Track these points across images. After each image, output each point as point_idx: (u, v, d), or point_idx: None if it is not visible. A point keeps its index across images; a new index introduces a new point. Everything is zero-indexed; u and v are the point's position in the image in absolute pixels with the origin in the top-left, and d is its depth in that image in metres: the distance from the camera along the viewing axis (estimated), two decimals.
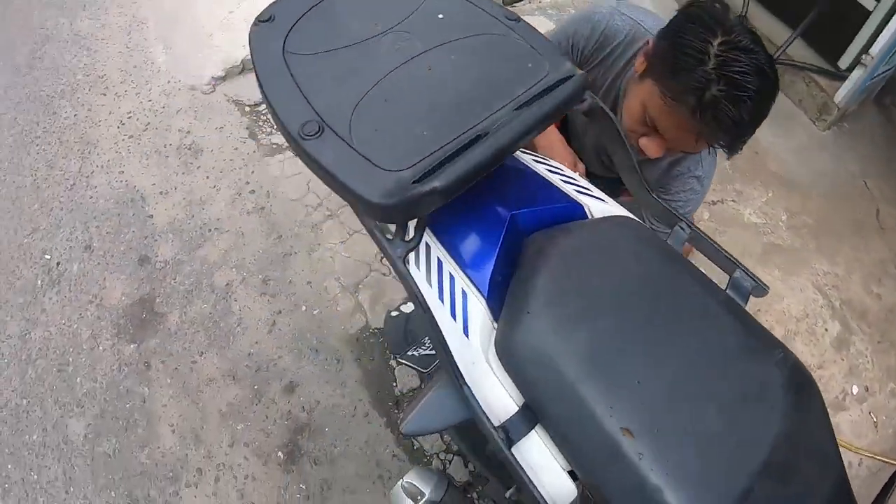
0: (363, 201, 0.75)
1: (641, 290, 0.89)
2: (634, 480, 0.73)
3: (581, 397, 0.77)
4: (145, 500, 1.86)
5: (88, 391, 2.04)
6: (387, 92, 0.85)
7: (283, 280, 2.20)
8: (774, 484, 0.77)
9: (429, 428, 1.00)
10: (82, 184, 2.52)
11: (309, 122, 0.80)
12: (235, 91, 2.73)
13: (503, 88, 0.85)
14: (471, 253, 0.92)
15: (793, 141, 2.90)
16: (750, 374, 0.84)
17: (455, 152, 0.77)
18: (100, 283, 2.24)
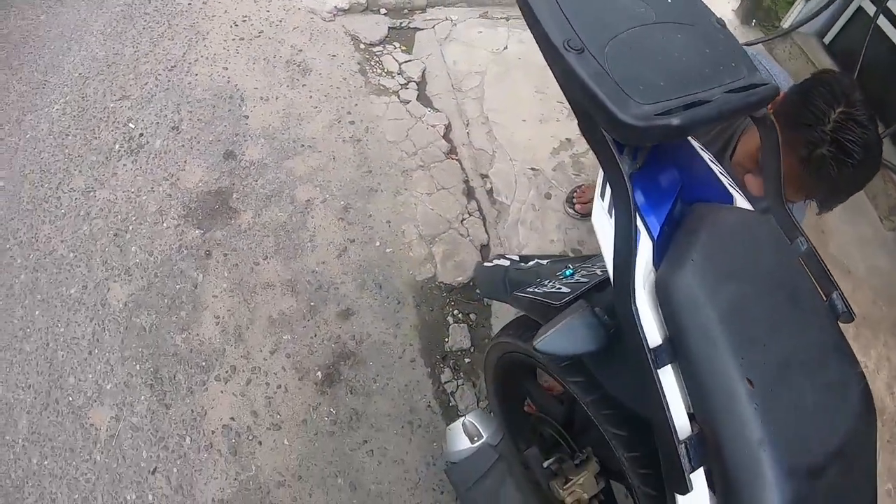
0: (612, 118, 0.85)
1: (773, 275, 1.01)
2: (746, 426, 0.83)
3: (720, 340, 0.88)
4: (170, 381, 1.84)
5: (141, 262, 2.03)
6: (632, 41, 0.96)
7: (363, 212, 2.19)
8: (838, 474, 0.87)
9: (563, 349, 1.05)
10: (183, 69, 2.53)
11: (572, 39, 0.90)
12: (355, 26, 2.75)
13: (716, 73, 0.97)
14: (649, 201, 1.01)
15: (857, 231, 2.92)
16: (839, 372, 0.97)
17: (687, 105, 0.89)
18: (180, 164, 2.24)
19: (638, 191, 1.01)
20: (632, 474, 1.11)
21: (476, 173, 2.37)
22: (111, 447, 1.74)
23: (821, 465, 0.85)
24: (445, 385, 1.91)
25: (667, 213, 1.01)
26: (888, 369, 2.55)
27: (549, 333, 1.05)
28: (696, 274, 0.92)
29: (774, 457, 0.82)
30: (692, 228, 0.99)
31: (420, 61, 2.72)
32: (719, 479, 0.87)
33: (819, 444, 0.87)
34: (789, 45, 3.36)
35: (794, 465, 0.83)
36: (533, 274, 1.53)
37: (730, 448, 0.85)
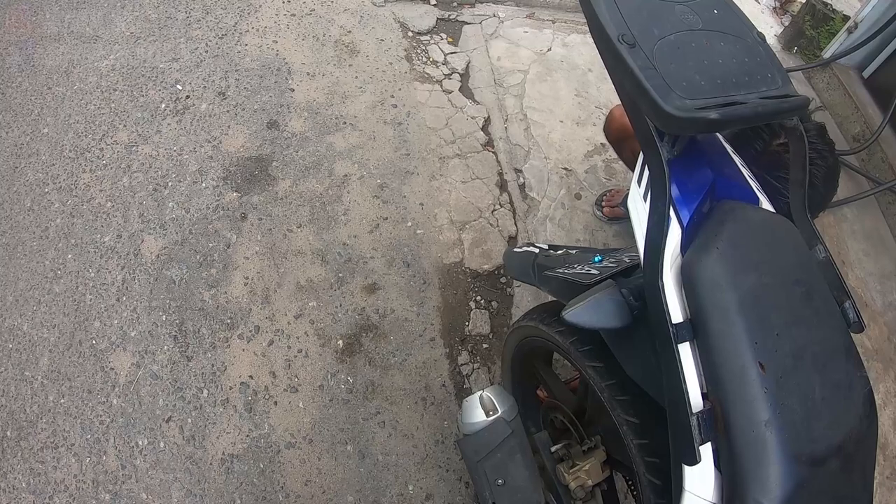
0: (658, 108, 0.96)
1: (792, 273, 1.08)
2: (754, 407, 0.90)
3: (738, 324, 0.95)
4: (194, 334, 1.90)
5: (177, 217, 2.09)
6: (679, 42, 1.07)
7: (398, 192, 2.25)
8: (838, 468, 0.93)
9: (589, 321, 1.13)
10: (233, 38, 2.61)
11: (626, 34, 1.02)
12: (404, 14, 2.82)
13: (753, 81, 1.07)
14: (682, 191, 1.11)
15: (878, 265, 2.94)
16: (846, 372, 1.02)
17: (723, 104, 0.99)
18: (223, 128, 2.31)
19: (673, 183, 1.10)
20: (638, 462, 1.16)
21: (510, 167, 2.42)
22: (129, 392, 1.80)
23: (823, 456, 0.91)
24: (462, 367, 1.96)
25: (697, 205, 1.09)
26: (894, 406, 2.57)
27: (578, 305, 1.13)
28: (720, 261, 1.00)
29: (779, 439, 0.88)
30: (720, 220, 1.08)
31: (465, 54, 2.79)
32: (726, 455, 0.93)
33: (823, 436, 0.93)
34: (828, 76, 3.40)
35: (798, 450, 0.89)
36: (561, 261, 1.59)
37: (737, 426, 0.91)
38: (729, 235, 1.04)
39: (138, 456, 1.71)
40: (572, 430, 1.54)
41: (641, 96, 0.99)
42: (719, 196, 1.15)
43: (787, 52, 3.60)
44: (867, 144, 3.04)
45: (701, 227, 1.09)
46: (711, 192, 1.14)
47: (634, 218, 1.14)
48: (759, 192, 1.24)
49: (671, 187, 1.09)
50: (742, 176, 1.24)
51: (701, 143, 1.22)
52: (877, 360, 2.65)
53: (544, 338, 1.46)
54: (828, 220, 2.86)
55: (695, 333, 1.00)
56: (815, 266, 1.15)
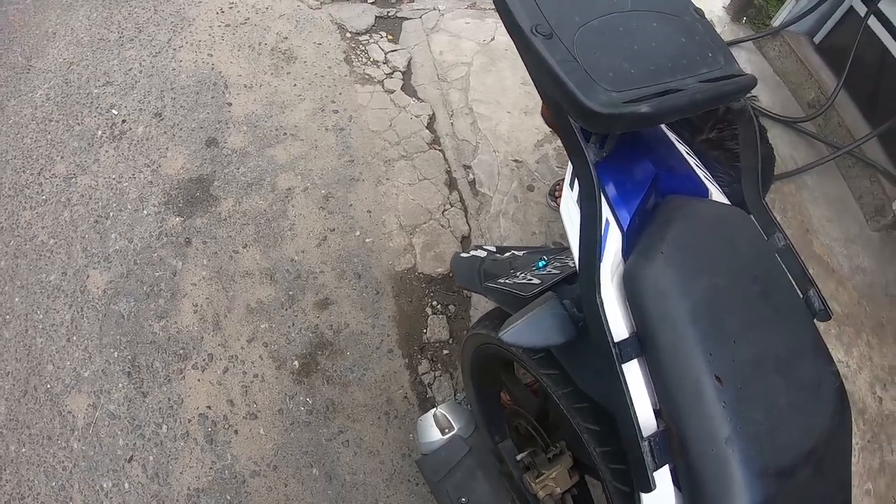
0: (580, 106, 0.84)
1: (748, 270, 0.99)
2: (713, 424, 0.81)
3: (689, 336, 0.85)
4: (148, 368, 1.81)
5: (120, 249, 2.00)
6: (604, 28, 0.95)
7: (344, 201, 2.16)
8: (808, 475, 0.85)
9: (528, 341, 1.02)
10: (168, 55, 2.49)
11: (541, 24, 0.89)
12: (341, 15, 2.70)
13: (691, 63, 0.96)
14: (620, 191, 0.99)
15: (842, 230, 2.89)
16: (813, 370, 0.94)
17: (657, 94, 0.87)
18: (161, 151, 2.20)
19: (609, 182, 0.99)
20: (603, 469, 1.09)
21: (459, 164, 2.33)
22: (88, 435, 1.72)
23: (792, 466, 0.84)
24: (423, 376, 1.88)
25: (638, 204, 0.99)
26: (870, 369, 2.53)
27: (515, 325, 1.02)
28: (666, 266, 0.90)
29: (742, 456, 0.80)
30: (664, 220, 0.97)
31: (406, 51, 2.67)
32: (685, 478, 0.85)
33: (791, 444, 0.86)
34: (779, 44, 3.32)
35: (763, 465, 0.81)
36: (507, 265, 1.50)
37: (695, 446, 0.83)
38: (675, 237, 0.94)
39: (104, 499, 1.64)
40: (537, 437, 1.46)
41: (562, 94, 0.87)
42: (664, 192, 1.06)
43: (736, 22, 3.51)
44: (823, 110, 2.98)
45: (644, 229, 0.98)
46: (655, 189, 1.04)
47: (568, 226, 1.03)
48: (710, 183, 1.14)
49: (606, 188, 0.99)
50: (688, 167, 1.14)
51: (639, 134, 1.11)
52: (848, 324, 2.61)
53: (497, 345, 1.37)
54: (788, 189, 2.80)
55: (643, 348, 0.91)
56: (773, 257, 1.06)
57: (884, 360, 2.60)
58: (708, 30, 1.04)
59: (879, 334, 2.66)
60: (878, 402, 2.48)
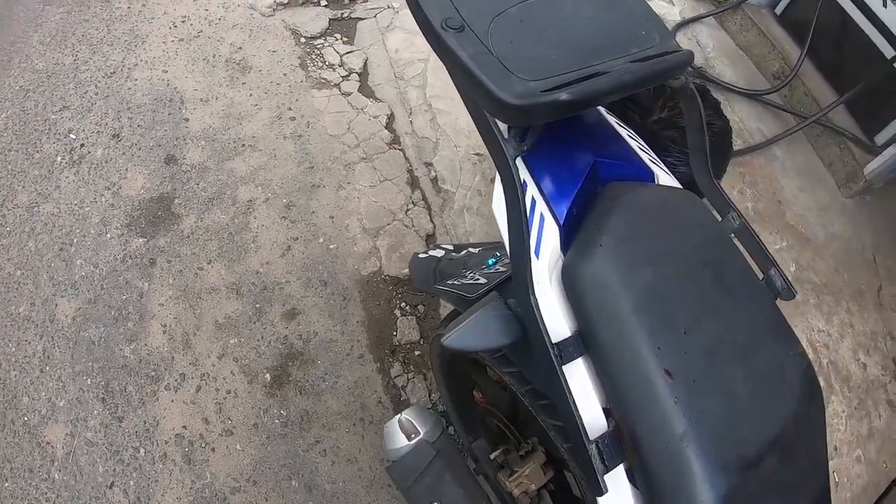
0: (493, 98, 0.78)
1: (698, 255, 0.93)
2: (665, 421, 0.77)
3: (634, 330, 0.80)
4: (121, 393, 1.77)
5: (87, 275, 1.95)
6: (523, 14, 0.88)
7: (306, 209, 2.11)
8: (776, 463, 0.81)
9: (471, 345, 0.97)
10: (123, 75, 2.43)
11: (452, 17, 0.83)
12: (295, 20, 2.64)
13: (621, 43, 0.90)
14: (555, 183, 0.94)
15: (815, 199, 2.86)
16: (775, 354, 0.90)
17: (581, 78, 0.81)
18: (121, 172, 2.15)
19: (544, 174, 0.94)
20: (572, 464, 1.05)
21: (420, 162, 2.28)
22: (68, 464, 1.68)
23: (756, 456, 0.79)
24: (396, 379, 1.85)
25: (574, 195, 0.93)
26: (852, 336, 2.51)
27: (457, 329, 0.96)
28: (606, 259, 0.85)
29: (700, 451, 0.76)
30: (603, 210, 0.92)
31: (362, 52, 2.62)
32: (641, 478, 0.81)
33: (752, 434, 0.81)
34: (741, 18, 3.28)
35: (724, 458, 0.77)
36: (461, 264, 1.45)
37: (648, 445, 0.78)
38: (615, 227, 0.89)
39: None
40: (509, 435, 1.42)
41: (474, 88, 0.81)
42: (605, 180, 0.99)
43: None
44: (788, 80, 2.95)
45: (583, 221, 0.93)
46: (594, 178, 0.98)
47: (501, 225, 0.96)
48: (655, 166, 1.08)
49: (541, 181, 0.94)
50: (631, 151, 1.07)
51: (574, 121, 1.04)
52: (827, 293, 2.58)
53: None
54: (758, 162, 2.77)
55: (587, 346, 0.86)
56: (727, 240, 1.01)
57: (865, 326, 2.58)
58: (641, 6, 0.98)
59: (859, 301, 2.64)
60: (863, 369, 2.45)
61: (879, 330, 2.59)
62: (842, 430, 2.26)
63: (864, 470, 2.20)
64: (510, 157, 0.85)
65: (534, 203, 0.93)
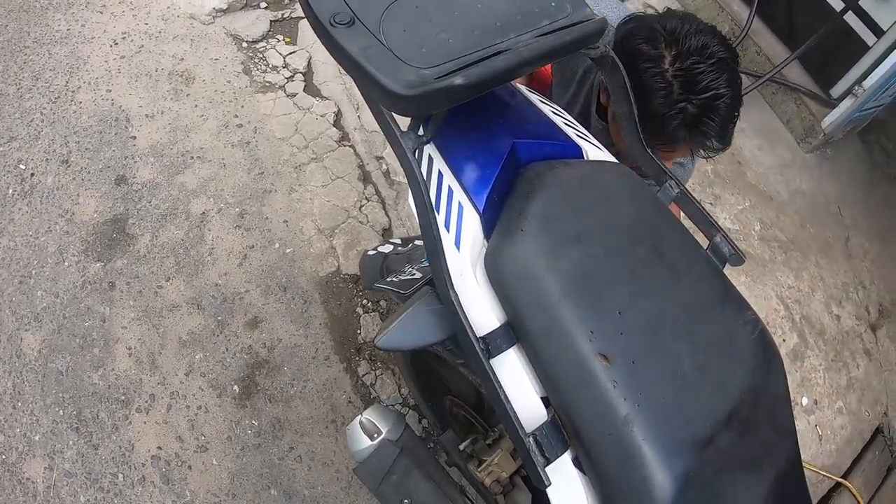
0: (385, 91, 0.72)
1: (631, 229, 0.88)
2: (605, 407, 0.72)
3: (563, 317, 0.75)
4: (94, 421, 1.69)
5: (48, 306, 1.85)
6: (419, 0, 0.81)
7: (259, 215, 2.01)
8: (734, 437, 0.76)
9: (405, 343, 0.91)
10: (67, 99, 2.30)
11: (340, 12, 0.76)
12: (235, 25, 2.50)
13: (528, 18, 0.83)
14: (471, 170, 0.88)
15: (775, 157, 2.79)
16: (723, 325, 0.84)
17: (478, 60, 0.75)
18: (73, 198, 2.04)
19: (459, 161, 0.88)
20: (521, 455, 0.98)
21: (371, 156, 2.18)
22: (50, 498, 1.60)
23: (709, 433, 0.75)
24: (364, 378, 1.78)
25: (493, 180, 0.87)
26: (823, 289, 2.45)
27: (389, 328, 0.90)
28: (529, 243, 0.80)
29: (647, 434, 0.71)
30: (523, 193, 0.86)
31: (305, 51, 2.49)
32: (587, 466, 0.75)
33: (704, 411, 0.76)
34: None
35: (674, 439, 0.73)
36: (405, 259, 1.37)
37: (589, 432, 0.73)
38: (536, 209, 0.83)
39: None
40: (476, 424, 1.35)
41: (366, 83, 0.74)
42: (526, 161, 0.92)
43: None
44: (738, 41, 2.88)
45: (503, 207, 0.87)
46: (514, 160, 0.91)
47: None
48: (584, 140, 1.00)
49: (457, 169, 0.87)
50: (554, 127, 1.00)
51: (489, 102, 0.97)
52: (794, 249, 2.52)
53: None
54: None
55: (517, 336, 0.80)
56: (662, 210, 0.94)
57: (836, 279, 2.53)
58: None
59: (828, 253, 2.58)
60: (837, 321, 2.41)
61: (850, 280, 2.54)
62: (821, 383, 2.22)
63: (846, 421, 2.17)
64: (408, 150, 0.78)
65: (451, 192, 0.87)
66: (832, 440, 2.10)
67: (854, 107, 2.61)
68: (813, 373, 2.21)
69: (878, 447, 2.19)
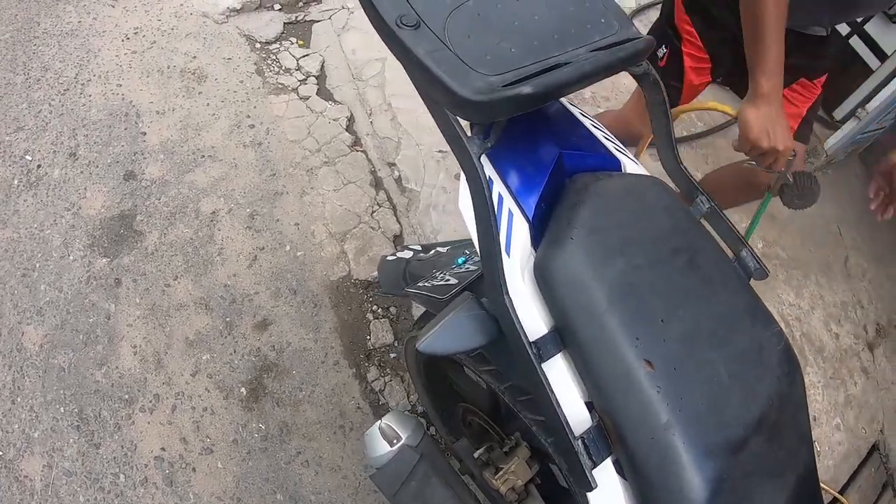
0: (454, 96, 0.71)
1: (670, 240, 0.88)
2: (649, 411, 0.73)
3: (610, 323, 0.76)
4: (96, 419, 1.60)
5: (51, 300, 1.75)
6: (479, 8, 0.81)
7: (270, 217, 1.93)
8: (763, 442, 0.77)
9: (449, 348, 0.88)
10: (76, 91, 2.19)
11: (406, 14, 0.75)
12: (248, 26, 2.41)
13: (582, 32, 0.83)
14: (521, 178, 0.87)
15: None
16: (753, 336, 0.85)
17: (542, 70, 0.75)
18: (80, 192, 1.94)
19: (509, 169, 0.87)
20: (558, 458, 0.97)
21: (383, 162, 2.11)
22: (48, 497, 1.50)
23: (742, 438, 0.75)
24: (373, 384, 1.70)
25: (541, 189, 0.87)
26: (822, 307, 2.43)
27: (430, 333, 0.87)
28: (578, 252, 0.80)
29: (686, 438, 0.72)
30: (571, 203, 0.86)
31: (318, 54, 2.41)
32: (629, 469, 0.76)
33: (737, 417, 0.77)
34: None
35: (710, 444, 0.73)
36: (430, 265, 1.32)
37: (634, 436, 0.74)
38: (584, 219, 0.83)
39: None
40: (491, 432, 1.30)
41: (434, 87, 0.73)
42: (571, 171, 0.92)
43: None
44: None
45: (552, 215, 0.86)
46: (560, 170, 0.91)
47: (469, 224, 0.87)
48: (621, 154, 1.00)
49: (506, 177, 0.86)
50: (595, 140, 0.99)
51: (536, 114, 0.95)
52: (795, 267, 2.50)
53: None
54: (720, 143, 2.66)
55: (564, 342, 0.79)
56: (696, 224, 0.94)
57: (835, 297, 2.51)
58: None
59: (827, 272, 2.56)
60: (835, 339, 2.38)
61: (849, 299, 2.52)
62: (819, 399, 2.20)
63: (844, 437, 2.14)
64: (474, 155, 0.77)
65: (501, 200, 0.86)
66: (830, 455, 2.08)
67: (857, 129, 2.60)
68: (812, 389, 2.18)
69: (875, 464, 2.17)
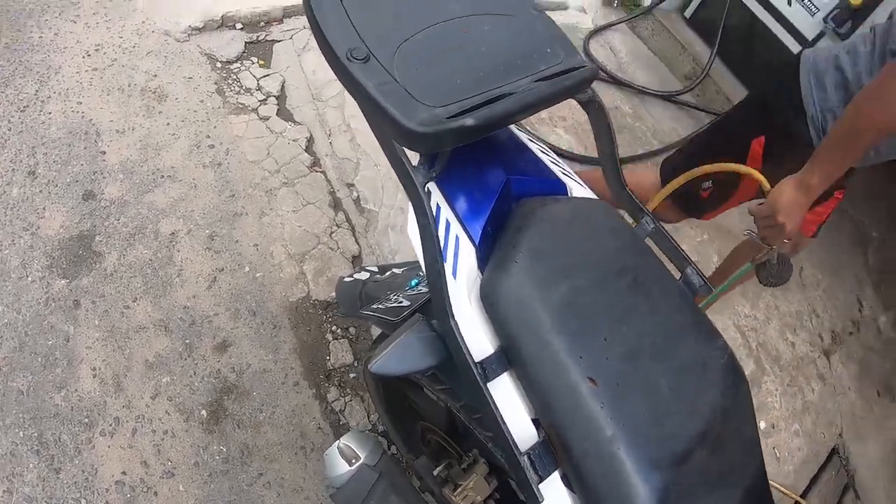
0: (400, 127, 0.73)
1: (614, 261, 0.91)
2: (594, 427, 0.74)
3: (554, 343, 0.78)
4: (56, 443, 1.57)
5: (10, 322, 1.72)
6: (428, 41, 0.83)
7: (229, 238, 1.92)
8: (707, 454, 0.79)
9: (398, 369, 0.90)
10: (36, 108, 2.14)
11: (357, 47, 0.77)
12: (210, 45, 2.38)
13: (527, 62, 0.86)
14: (468, 204, 0.90)
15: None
16: (696, 351, 0.87)
17: (486, 101, 0.77)
18: (39, 211, 1.90)
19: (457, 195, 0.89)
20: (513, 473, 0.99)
21: (342, 183, 2.11)
22: None
23: (686, 450, 0.77)
24: (333, 404, 1.71)
25: (488, 214, 0.89)
26: (778, 317, 2.50)
27: (382, 355, 0.89)
28: (522, 275, 0.82)
29: (631, 451, 0.73)
30: (516, 227, 0.88)
31: (279, 74, 2.39)
32: (576, 482, 0.77)
33: (680, 429, 0.79)
34: (652, 23, 3.20)
35: (655, 456, 0.75)
36: (385, 287, 1.34)
37: (579, 450, 0.75)
38: (528, 242, 0.85)
39: None
40: (450, 449, 1.32)
41: (381, 118, 0.75)
42: (518, 196, 0.94)
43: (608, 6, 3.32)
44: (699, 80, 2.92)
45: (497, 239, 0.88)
46: (507, 195, 0.93)
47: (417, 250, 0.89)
48: (568, 178, 1.03)
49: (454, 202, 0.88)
50: (543, 165, 1.02)
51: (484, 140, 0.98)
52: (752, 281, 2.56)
53: None
54: None
55: (511, 361, 0.81)
56: (641, 244, 0.97)
57: (790, 307, 2.58)
58: (546, 24, 0.93)
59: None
60: (791, 347, 2.45)
61: (804, 309, 2.59)
62: (777, 407, 2.25)
63: (803, 442, 2.21)
64: (419, 185, 0.80)
65: (448, 225, 0.88)
66: (790, 461, 2.14)
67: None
68: (769, 397, 2.24)
69: (835, 467, 2.24)
